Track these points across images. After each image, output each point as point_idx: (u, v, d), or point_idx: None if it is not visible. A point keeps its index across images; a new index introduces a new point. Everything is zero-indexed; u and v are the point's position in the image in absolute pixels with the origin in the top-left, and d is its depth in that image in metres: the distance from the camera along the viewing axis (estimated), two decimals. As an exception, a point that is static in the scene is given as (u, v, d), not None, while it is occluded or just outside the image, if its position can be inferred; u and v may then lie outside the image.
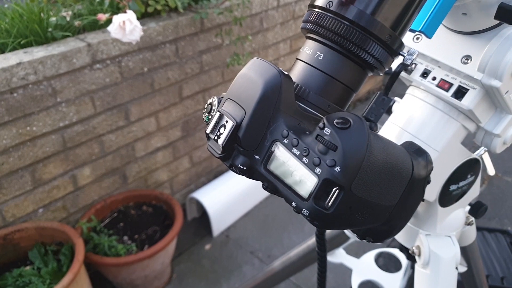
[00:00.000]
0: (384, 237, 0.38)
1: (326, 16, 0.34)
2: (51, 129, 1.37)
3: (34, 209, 1.43)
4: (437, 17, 0.39)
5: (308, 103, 0.35)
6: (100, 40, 1.38)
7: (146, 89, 1.59)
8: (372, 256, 1.03)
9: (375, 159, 0.30)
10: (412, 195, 0.36)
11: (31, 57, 1.26)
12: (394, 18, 0.34)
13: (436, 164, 0.54)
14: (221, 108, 0.35)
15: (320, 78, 0.35)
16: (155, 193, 1.68)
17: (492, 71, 0.44)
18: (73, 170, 1.49)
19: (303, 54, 0.36)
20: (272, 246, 1.80)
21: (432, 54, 0.50)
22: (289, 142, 0.32)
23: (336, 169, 0.29)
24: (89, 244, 1.45)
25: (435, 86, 0.51)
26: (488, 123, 0.52)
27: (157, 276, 1.56)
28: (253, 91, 0.33)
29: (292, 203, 0.32)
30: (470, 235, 0.76)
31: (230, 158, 0.35)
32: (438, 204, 0.60)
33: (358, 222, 0.33)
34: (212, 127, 0.35)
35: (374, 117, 0.53)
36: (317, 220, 0.31)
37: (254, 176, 0.35)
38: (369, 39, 0.33)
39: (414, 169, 0.35)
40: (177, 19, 1.56)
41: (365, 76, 0.37)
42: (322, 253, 0.64)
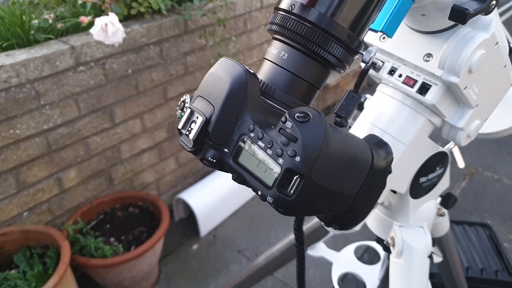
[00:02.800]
0: (349, 225, 0.40)
1: (289, 18, 0.36)
2: (35, 132, 1.37)
3: (18, 213, 1.43)
4: (396, 18, 0.42)
5: (274, 100, 0.37)
6: (84, 42, 1.38)
7: (130, 90, 1.60)
8: (352, 249, 1.06)
9: (333, 149, 0.33)
10: (373, 184, 0.38)
11: (13, 60, 1.26)
12: (352, 20, 0.37)
13: (405, 157, 0.57)
14: (192, 104, 0.37)
15: (284, 76, 0.37)
16: (142, 194, 1.69)
17: (450, 68, 0.47)
18: (58, 173, 1.49)
19: (270, 54, 0.39)
20: (259, 244, 1.82)
21: (397, 52, 0.53)
22: (255, 136, 0.34)
23: (296, 159, 0.31)
24: (75, 246, 1.45)
25: (401, 83, 0.54)
26: (452, 118, 0.55)
27: (144, 276, 1.57)
28: (221, 88, 0.35)
29: (258, 191, 0.34)
30: (443, 226, 0.79)
31: (201, 152, 0.37)
32: (409, 196, 0.63)
33: (320, 209, 0.35)
34: (183, 122, 0.37)
35: (345, 113, 0.56)
36: (281, 207, 0.33)
37: (224, 168, 0.37)
38: (329, 39, 0.36)
39: (374, 159, 0.37)
40: (161, 21, 1.57)
41: (327, 74, 0.39)
42: (300, 245, 0.66)
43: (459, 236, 1.59)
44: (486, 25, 0.46)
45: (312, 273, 1.65)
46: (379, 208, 0.70)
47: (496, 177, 2.18)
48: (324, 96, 2.76)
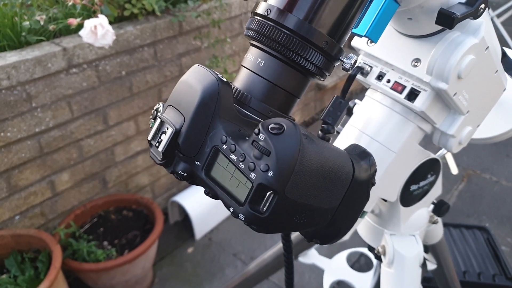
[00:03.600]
0: (331, 239, 0.39)
1: (265, 23, 0.35)
2: (27, 134, 1.36)
3: (10, 216, 1.41)
4: (380, 22, 0.40)
5: (250, 109, 0.35)
6: (76, 44, 1.37)
7: (124, 93, 1.58)
8: (344, 256, 1.04)
9: (309, 163, 0.31)
10: (356, 197, 0.36)
11: (4, 62, 1.24)
12: (331, 26, 0.35)
13: (394, 165, 0.56)
14: (162, 114, 0.35)
15: (261, 84, 0.36)
16: (136, 198, 1.67)
17: (438, 74, 0.45)
18: (51, 176, 1.48)
19: (246, 61, 0.37)
20: (255, 248, 1.80)
21: (385, 57, 0.51)
22: (228, 148, 0.32)
23: (269, 174, 0.29)
24: (67, 250, 1.43)
25: (389, 89, 0.52)
26: (442, 124, 0.53)
27: (138, 281, 1.55)
28: (191, 97, 0.33)
29: (230, 208, 0.32)
30: (437, 233, 0.78)
31: (171, 164, 0.35)
32: (400, 204, 0.61)
33: (298, 225, 0.33)
34: (153, 133, 0.35)
35: (331, 120, 0.54)
36: (254, 224, 0.31)
37: (196, 182, 0.35)
38: (307, 46, 0.34)
39: (355, 171, 0.35)
40: (155, 22, 1.55)
41: (306, 82, 0.37)
42: (288, 255, 0.64)
43: (456, 239, 1.57)
44: (475, 29, 0.45)
45: (308, 277, 1.64)
46: (370, 216, 0.68)
47: (494, 179, 2.16)
48: (322, 97, 2.74)
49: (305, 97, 2.62)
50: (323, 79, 0.38)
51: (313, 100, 2.70)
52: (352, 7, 0.35)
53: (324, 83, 2.60)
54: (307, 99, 2.64)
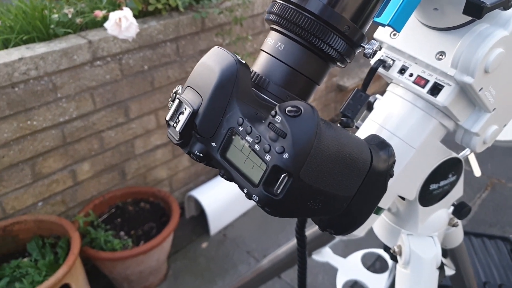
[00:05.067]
0: (345, 230, 0.38)
1: (287, 7, 0.34)
2: (51, 124, 1.39)
3: (33, 202, 1.45)
4: (405, 11, 0.39)
5: (268, 93, 0.35)
6: (101, 37, 1.39)
7: (146, 87, 1.60)
8: (359, 256, 1.03)
9: (326, 147, 0.30)
10: (372, 187, 0.36)
11: (33, 52, 1.28)
12: (354, 11, 0.34)
13: (414, 162, 0.54)
14: (181, 95, 0.35)
15: (280, 68, 0.35)
16: (153, 190, 1.69)
17: (464, 67, 0.44)
18: (72, 165, 1.51)
19: (266, 45, 0.37)
20: (268, 246, 1.80)
21: (408, 50, 0.50)
22: (244, 130, 0.32)
23: (284, 156, 0.29)
24: (85, 238, 1.46)
25: (412, 83, 0.51)
26: (466, 122, 0.52)
27: (152, 272, 1.57)
28: (210, 79, 0.33)
29: (244, 189, 0.32)
30: (456, 237, 0.76)
31: (188, 145, 0.35)
32: (418, 203, 0.60)
33: (312, 211, 0.33)
34: (171, 114, 0.36)
35: (351, 113, 0.53)
36: (267, 206, 0.31)
37: (212, 163, 0.35)
38: (328, 30, 0.34)
39: (374, 161, 0.34)
40: (178, 18, 1.57)
41: (326, 68, 0.37)
42: (301, 249, 0.64)
43: (477, 249, 1.53)
44: (506, 21, 0.43)
45: (322, 278, 1.62)
46: (387, 214, 0.67)
47: (520, 189, 2.10)
48: (342, 99, 2.72)
49: (326, 97, 2.60)
50: (343, 66, 0.37)
51: (333, 101, 2.67)
52: None
53: (346, 84, 2.58)
54: (327, 100, 2.62)
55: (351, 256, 1.03)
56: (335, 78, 2.61)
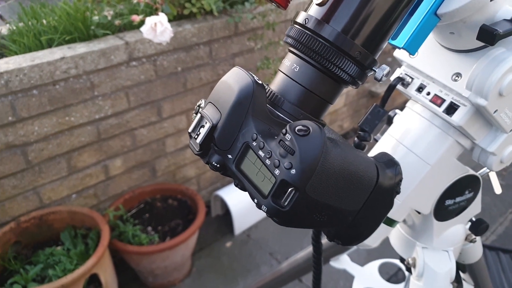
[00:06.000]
0: (352, 241, 0.40)
1: (303, 32, 0.37)
2: (88, 120, 1.46)
3: (68, 194, 1.53)
4: (419, 36, 0.41)
5: (282, 111, 0.38)
6: (138, 39, 1.45)
7: (179, 88, 1.66)
8: (377, 265, 1.03)
9: (331, 165, 0.33)
10: (378, 203, 0.38)
11: (74, 52, 1.35)
12: (365, 38, 0.36)
13: (429, 178, 0.56)
14: (203, 110, 0.39)
15: (294, 88, 0.38)
16: (181, 188, 1.74)
17: (478, 90, 0.45)
18: (105, 161, 1.58)
19: (283, 65, 0.39)
20: (291, 249, 1.82)
21: (426, 70, 0.52)
22: (257, 145, 0.35)
23: (292, 172, 0.32)
24: (115, 231, 1.52)
25: (429, 101, 0.52)
26: (483, 141, 0.53)
27: (176, 268, 1.62)
28: (229, 96, 0.36)
29: (254, 199, 0.35)
30: (474, 253, 0.76)
31: (207, 155, 0.38)
32: (433, 218, 0.61)
33: (317, 223, 0.35)
34: (193, 127, 0.39)
35: (369, 127, 0.55)
36: (275, 216, 0.34)
37: (227, 173, 0.38)
38: (341, 56, 0.36)
39: (380, 178, 0.36)
40: (212, 22, 1.61)
41: (339, 89, 0.39)
42: (317, 256, 0.66)
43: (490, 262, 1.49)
44: (522, 46, 0.44)
45: (343, 284, 1.63)
46: (403, 226, 0.68)
47: (554, 206, 2.02)
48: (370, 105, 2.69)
49: (357, 103, 2.59)
50: (355, 87, 0.39)
51: (364, 107, 2.66)
52: (387, 21, 0.37)
53: (378, 90, 2.56)
54: (358, 106, 2.61)
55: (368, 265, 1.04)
56: (367, 84, 2.59)
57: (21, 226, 1.42)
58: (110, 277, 1.44)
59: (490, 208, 2.02)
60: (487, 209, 2.01)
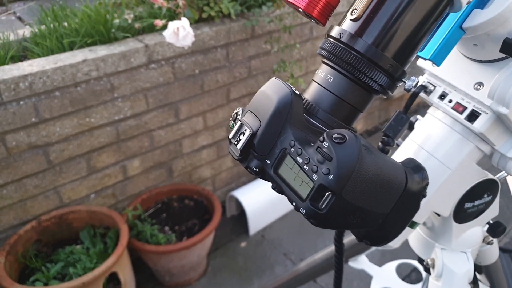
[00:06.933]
0: (380, 242, 0.42)
1: (338, 45, 0.39)
2: (107, 121, 1.50)
3: (87, 194, 1.57)
4: (445, 48, 0.43)
5: (317, 119, 0.40)
6: (157, 42, 1.49)
7: (196, 90, 1.69)
8: (394, 265, 1.05)
9: (366, 171, 0.35)
10: (406, 206, 0.40)
11: (95, 55, 1.39)
12: (396, 51, 0.39)
13: (450, 181, 0.58)
14: (242, 118, 0.41)
15: (329, 98, 0.40)
16: (198, 188, 1.77)
17: (500, 98, 0.47)
18: (124, 161, 1.61)
19: (317, 76, 0.42)
20: (305, 250, 1.84)
21: (448, 78, 0.54)
22: (295, 151, 0.37)
23: (330, 177, 0.34)
24: (133, 230, 1.56)
25: (451, 108, 0.54)
26: (502, 147, 0.55)
27: (193, 267, 1.65)
28: (268, 106, 0.39)
29: (293, 202, 0.38)
30: (491, 255, 0.77)
31: (246, 160, 0.41)
32: (452, 220, 0.63)
33: (351, 224, 0.37)
34: (233, 133, 0.42)
35: (392, 133, 0.57)
36: (312, 218, 0.36)
37: (265, 178, 0.41)
38: (373, 67, 0.38)
39: (408, 183, 0.39)
40: (230, 25, 1.64)
41: (370, 98, 0.41)
42: (339, 256, 0.68)
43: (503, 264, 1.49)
44: (542, 58, 0.46)
45: (356, 285, 1.64)
46: (422, 228, 0.70)
47: None
48: (387, 107, 2.71)
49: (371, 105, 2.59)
50: (386, 97, 0.42)
51: (377, 109, 2.67)
52: (416, 36, 0.39)
53: (390, 93, 2.57)
54: (372, 108, 2.63)
55: (386, 265, 1.05)
56: (379, 86, 2.60)
57: (42, 225, 1.46)
58: (128, 276, 1.48)
59: (503, 211, 2.01)
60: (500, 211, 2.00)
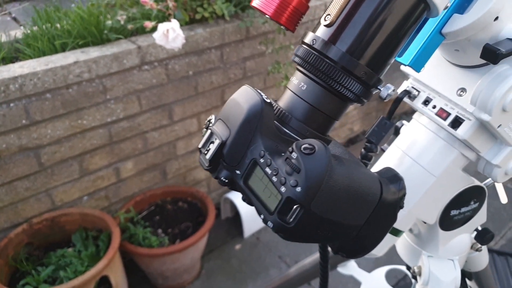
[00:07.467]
0: (356, 254, 0.41)
1: (310, 52, 0.38)
2: (100, 123, 1.49)
3: (79, 196, 1.56)
4: (424, 54, 0.42)
5: (290, 128, 0.39)
6: (150, 43, 1.47)
7: (190, 91, 1.68)
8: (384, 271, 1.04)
9: (336, 183, 0.34)
10: (382, 218, 0.39)
11: (87, 56, 1.38)
12: (370, 58, 0.37)
13: (434, 188, 0.57)
14: (213, 126, 0.40)
15: (301, 106, 0.39)
16: (192, 191, 1.76)
17: (482, 105, 0.46)
18: (117, 163, 1.60)
19: (291, 83, 0.41)
20: (300, 252, 1.82)
21: (432, 84, 0.53)
22: (264, 162, 0.36)
23: (297, 189, 0.33)
24: (125, 233, 1.55)
25: (434, 114, 0.53)
26: (487, 153, 0.53)
27: (186, 270, 1.64)
28: (238, 114, 0.37)
29: (261, 215, 0.36)
30: (480, 261, 0.76)
31: (216, 171, 0.40)
32: (439, 227, 0.62)
33: (322, 237, 0.36)
34: (203, 142, 0.40)
35: (375, 139, 0.56)
36: (281, 232, 0.35)
37: (235, 188, 0.40)
38: (346, 76, 0.37)
39: (383, 194, 0.38)
40: (224, 26, 1.63)
41: (345, 106, 0.40)
42: (324, 263, 0.67)
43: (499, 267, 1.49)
44: (525, 64, 0.45)
45: (351, 288, 1.63)
46: (409, 235, 0.69)
47: None
48: (384, 108, 2.69)
49: (367, 106, 2.59)
50: (361, 105, 0.40)
51: (375, 110, 2.66)
52: (392, 42, 0.38)
53: (387, 94, 2.55)
54: (369, 109, 2.61)
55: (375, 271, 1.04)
56: (377, 87, 2.59)
57: (34, 228, 1.45)
58: (120, 279, 1.47)
59: (500, 213, 2.01)
60: (496, 213, 2.00)
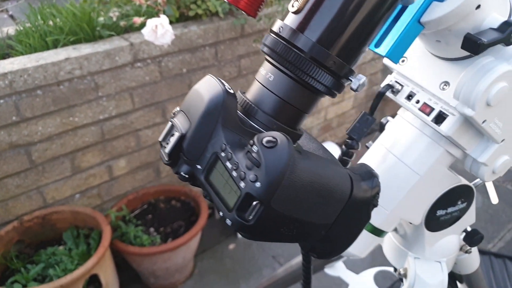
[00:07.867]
0: (327, 255, 0.39)
1: (278, 41, 0.36)
2: (92, 121, 1.47)
3: (71, 194, 1.54)
4: (402, 44, 0.39)
5: (256, 121, 0.37)
6: (142, 40, 1.45)
7: (183, 89, 1.65)
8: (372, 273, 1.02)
9: (299, 178, 0.32)
10: (354, 216, 0.37)
11: (79, 53, 1.36)
12: (340, 48, 0.35)
13: (419, 188, 0.54)
14: (173, 119, 0.38)
15: (268, 98, 0.37)
16: (185, 190, 1.74)
17: (465, 99, 0.43)
18: (109, 161, 1.58)
19: (259, 74, 0.38)
20: (294, 253, 1.80)
21: (415, 78, 0.50)
22: (225, 156, 0.34)
23: (256, 185, 0.31)
24: (116, 232, 1.53)
25: (418, 110, 0.51)
26: (473, 151, 0.51)
27: (178, 269, 1.62)
28: (199, 105, 0.35)
29: (220, 212, 0.34)
30: (471, 264, 0.74)
31: (176, 165, 0.37)
32: (424, 228, 0.60)
33: (286, 237, 0.34)
34: (163, 135, 0.38)
35: (357, 135, 0.54)
36: (240, 230, 0.33)
37: (196, 184, 0.37)
38: (315, 66, 0.35)
39: (354, 191, 0.35)
40: (218, 24, 1.61)
41: (315, 98, 0.38)
42: (307, 264, 0.65)
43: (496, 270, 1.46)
44: (510, 55, 0.42)
45: (345, 289, 1.61)
46: (395, 236, 0.67)
47: None
48: (383, 107, 2.66)
49: (366, 105, 2.56)
50: (332, 97, 0.38)
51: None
52: (364, 31, 0.35)
53: (386, 94, 2.53)
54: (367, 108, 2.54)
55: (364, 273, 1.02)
56: (375, 86, 2.56)
57: (24, 225, 1.43)
58: (110, 278, 1.45)
59: (499, 214, 1.98)
60: (495, 215, 1.97)
